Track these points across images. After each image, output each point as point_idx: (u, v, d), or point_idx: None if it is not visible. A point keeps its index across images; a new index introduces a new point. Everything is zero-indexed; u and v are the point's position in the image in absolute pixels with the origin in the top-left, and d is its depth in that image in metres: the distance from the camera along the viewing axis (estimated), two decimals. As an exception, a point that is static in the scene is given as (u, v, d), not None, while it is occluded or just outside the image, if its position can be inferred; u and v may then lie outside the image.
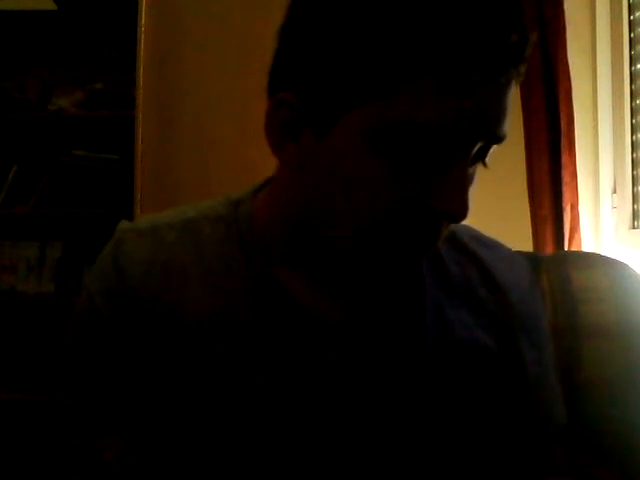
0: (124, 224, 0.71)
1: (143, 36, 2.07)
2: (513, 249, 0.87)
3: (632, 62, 1.84)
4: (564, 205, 1.78)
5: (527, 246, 1.86)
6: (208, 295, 0.66)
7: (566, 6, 1.82)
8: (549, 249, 1.80)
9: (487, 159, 0.60)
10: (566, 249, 1.76)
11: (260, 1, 2.06)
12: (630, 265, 0.89)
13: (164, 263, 0.67)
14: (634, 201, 1.84)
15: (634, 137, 1.84)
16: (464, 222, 0.76)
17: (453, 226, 0.72)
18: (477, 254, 0.72)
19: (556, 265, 0.90)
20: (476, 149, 0.57)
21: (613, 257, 0.92)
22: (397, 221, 0.57)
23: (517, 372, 0.70)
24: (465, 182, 0.57)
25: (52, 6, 2.27)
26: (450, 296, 0.70)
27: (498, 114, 0.56)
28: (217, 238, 0.68)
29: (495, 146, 0.59)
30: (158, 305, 0.65)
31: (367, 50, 0.54)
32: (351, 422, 0.64)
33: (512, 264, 0.74)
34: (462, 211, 0.56)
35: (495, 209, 2.03)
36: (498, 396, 0.69)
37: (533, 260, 0.90)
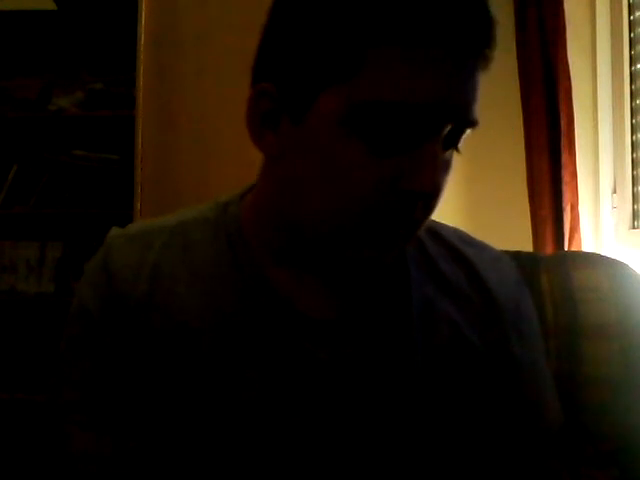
0: (114, 231, 0.72)
1: (143, 36, 2.07)
2: (513, 249, 0.88)
3: (632, 62, 1.84)
4: (564, 205, 1.78)
5: (527, 246, 1.86)
6: (197, 296, 0.66)
7: (566, 6, 1.82)
8: (549, 249, 1.80)
9: (460, 145, 0.60)
10: (566, 249, 1.76)
11: (260, 2, 2.06)
12: (630, 265, 0.89)
13: (153, 266, 0.68)
14: (634, 201, 1.84)
15: (634, 137, 1.84)
16: (464, 226, 0.77)
17: (440, 227, 0.74)
18: (465, 254, 0.73)
19: (556, 265, 0.90)
20: (446, 131, 0.57)
21: (613, 257, 0.92)
22: (373, 203, 0.58)
23: (508, 371, 0.70)
24: (434, 161, 0.57)
25: (52, 6, 2.27)
26: (440, 292, 0.70)
27: (465, 97, 0.57)
28: (206, 241, 0.69)
29: (469, 131, 0.60)
30: (148, 307, 0.66)
31: (333, 32, 0.57)
32: (340, 421, 0.65)
33: (499, 264, 0.74)
34: (431, 189, 0.57)
35: (495, 209, 2.03)
36: (488, 396, 0.69)
37: (532, 260, 0.91)
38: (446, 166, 0.60)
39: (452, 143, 0.59)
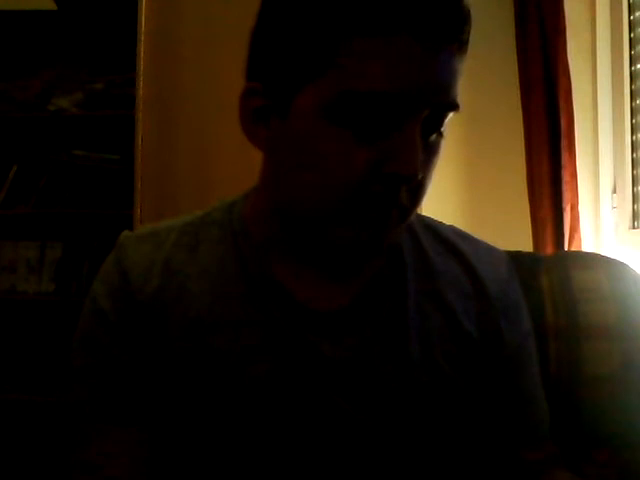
0: (125, 233, 0.75)
1: (143, 36, 2.07)
2: (513, 249, 0.88)
3: (632, 62, 1.84)
4: (564, 205, 1.78)
5: (527, 246, 1.86)
6: (207, 293, 0.68)
7: (566, 6, 1.82)
8: (549, 249, 1.80)
9: (443, 129, 0.62)
10: (566, 249, 1.76)
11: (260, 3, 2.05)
12: (630, 265, 0.89)
13: (164, 263, 0.70)
14: (634, 201, 1.84)
15: (634, 137, 1.84)
16: (464, 226, 0.78)
17: (437, 224, 0.77)
18: (459, 247, 0.75)
19: (556, 265, 0.90)
20: (424, 115, 0.59)
21: (613, 257, 0.92)
22: (358, 187, 0.59)
23: (500, 358, 0.71)
24: (413, 145, 0.58)
25: (52, 6, 2.27)
26: (436, 282, 0.72)
27: (439, 81, 0.58)
28: (213, 240, 0.71)
29: (451, 115, 0.61)
30: (161, 302, 0.68)
31: (306, 28, 0.59)
32: (342, 413, 0.66)
33: (491, 257, 0.76)
34: (411, 172, 0.58)
35: (495, 210, 2.03)
36: (483, 382, 0.70)
37: (533, 260, 0.91)
38: (431, 151, 0.61)
39: (435, 128, 0.61)
